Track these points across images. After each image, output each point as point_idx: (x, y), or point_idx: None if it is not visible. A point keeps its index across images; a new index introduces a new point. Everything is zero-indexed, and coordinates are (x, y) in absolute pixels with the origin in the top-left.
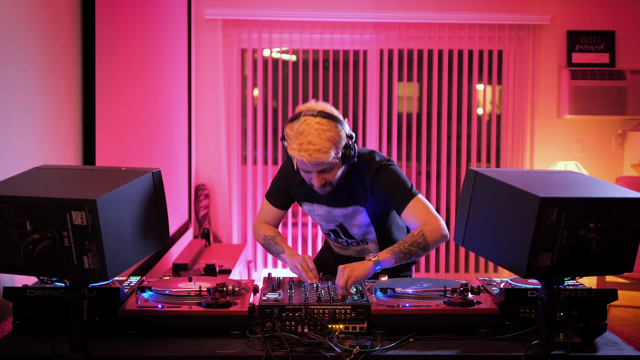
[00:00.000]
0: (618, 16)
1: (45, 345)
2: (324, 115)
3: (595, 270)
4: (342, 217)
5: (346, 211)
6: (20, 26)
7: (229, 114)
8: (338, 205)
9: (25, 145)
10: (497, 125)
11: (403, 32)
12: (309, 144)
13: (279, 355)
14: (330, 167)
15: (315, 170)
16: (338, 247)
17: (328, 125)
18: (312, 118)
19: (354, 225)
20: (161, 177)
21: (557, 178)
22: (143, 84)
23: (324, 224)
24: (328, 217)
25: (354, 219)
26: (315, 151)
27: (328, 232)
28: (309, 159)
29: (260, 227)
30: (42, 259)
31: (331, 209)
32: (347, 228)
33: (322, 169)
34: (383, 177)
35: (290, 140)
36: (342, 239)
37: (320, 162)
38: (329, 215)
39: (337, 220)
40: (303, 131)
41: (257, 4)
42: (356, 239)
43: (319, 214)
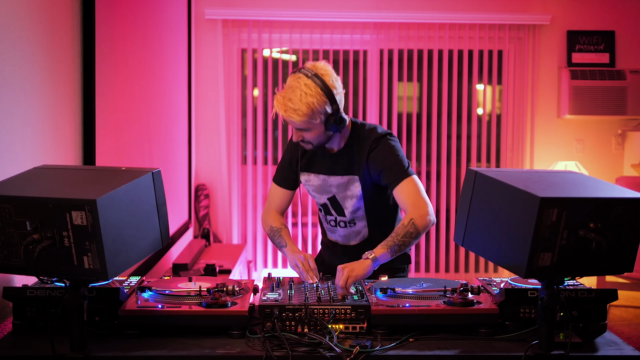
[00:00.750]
0: (618, 16)
1: (45, 345)
2: (316, 80)
3: (595, 270)
4: (336, 186)
5: (342, 180)
6: (20, 26)
7: (229, 114)
8: (335, 173)
9: (25, 145)
10: (497, 125)
11: (403, 32)
12: (288, 100)
13: (279, 355)
14: (307, 128)
15: (292, 125)
16: (328, 227)
17: (314, 91)
18: (305, 78)
19: (346, 196)
20: (161, 177)
21: (557, 178)
22: (143, 84)
23: (317, 196)
24: (322, 188)
25: (348, 190)
26: (290, 109)
27: (320, 207)
28: (283, 114)
29: (268, 216)
30: (42, 259)
31: (327, 178)
32: (339, 200)
33: (299, 127)
34: (381, 150)
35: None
36: (331, 215)
37: (291, 120)
38: (323, 184)
39: (331, 191)
40: (290, 86)
41: (257, 4)
42: (346, 216)
43: (314, 185)
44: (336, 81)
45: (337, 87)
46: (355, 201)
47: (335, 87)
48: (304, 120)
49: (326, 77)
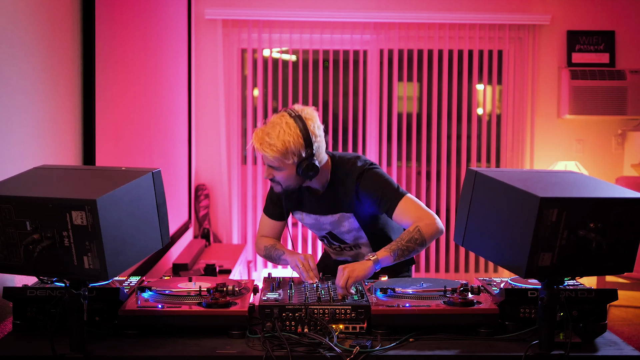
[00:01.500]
0: (618, 16)
1: (45, 345)
2: (298, 122)
3: (595, 270)
4: (329, 224)
5: (333, 218)
6: (20, 26)
7: (229, 114)
8: (323, 213)
9: (25, 145)
10: (497, 125)
11: (403, 32)
12: (266, 134)
13: (279, 355)
14: (278, 167)
15: (263, 161)
16: (333, 252)
17: (293, 131)
18: (288, 117)
19: (342, 232)
20: (161, 177)
21: (557, 178)
22: (143, 84)
23: (316, 231)
24: (317, 225)
25: (342, 226)
26: (265, 143)
27: (321, 238)
28: (258, 147)
29: (260, 241)
30: (42, 259)
31: (318, 217)
32: (336, 235)
33: (270, 164)
34: (368, 182)
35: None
36: (335, 244)
37: (265, 155)
38: (317, 223)
39: (325, 227)
40: (272, 122)
41: (257, 4)
42: (348, 243)
43: (309, 223)
44: (318, 129)
45: (317, 134)
46: (354, 233)
47: (316, 133)
48: (276, 157)
49: (309, 122)
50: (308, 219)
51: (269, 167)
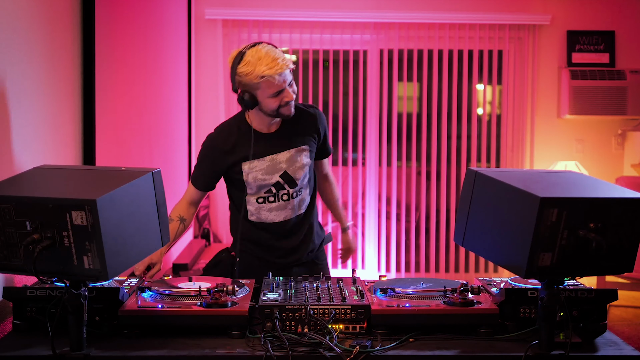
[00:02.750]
0: (618, 16)
1: (45, 345)
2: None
3: (595, 270)
4: (285, 161)
5: (289, 154)
6: (20, 26)
7: (229, 114)
8: (278, 150)
9: (25, 145)
10: (497, 125)
11: (403, 32)
12: (273, 60)
13: (279, 355)
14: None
15: (287, 82)
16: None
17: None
18: (255, 47)
19: (297, 168)
20: (161, 177)
21: (557, 178)
22: (143, 84)
23: (267, 178)
24: (272, 168)
25: (296, 162)
26: (282, 61)
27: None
28: (283, 69)
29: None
30: (42, 259)
31: (274, 156)
32: (291, 174)
33: (290, 79)
34: (324, 119)
35: (251, 74)
36: (284, 190)
37: (289, 69)
38: (272, 164)
39: (280, 168)
40: (260, 56)
41: (257, 4)
42: (298, 185)
43: (262, 169)
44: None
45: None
46: (305, 170)
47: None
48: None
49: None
50: (262, 164)
51: (288, 86)
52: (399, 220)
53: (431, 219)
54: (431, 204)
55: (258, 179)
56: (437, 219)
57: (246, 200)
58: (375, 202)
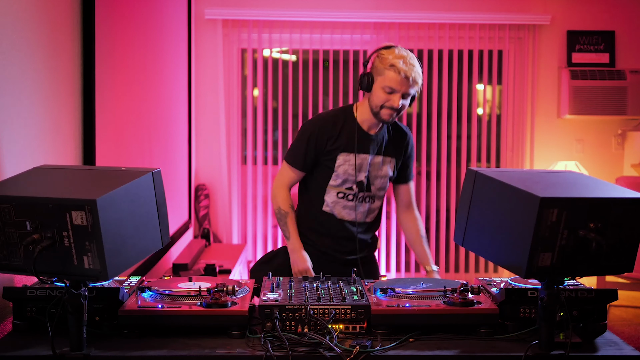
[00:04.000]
0: (618, 16)
1: (45, 345)
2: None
3: (595, 270)
4: (372, 164)
5: (378, 159)
6: (20, 26)
7: (229, 114)
8: (372, 152)
9: (25, 145)
10: (497, 125)
11: (403, 32)
12: (410, 64)
13: (279, 355)
14: (411, 94)
15: (404, 90)
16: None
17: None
18: (411, 53)
19: (378, 175)
20: (161, 177)
21: (557, 178)
22: (143, 84)
23: (352, 175)
24: (362, 166)
25: (381, 170)
26: (415, 71)
27: (349, 187)
28: (410, 74)
29: (279, 194)
30: (42, 259)
31: (367, 157)
32: (370, 179)
33: (408, 92)
34: (414, 145)
35: (387, 60)
36: (363, 192)
37: (415, 82)
38: (364, 163)
39: (366, 169)
40: (404, 56)
41: (257, 4)
42: (372, 192)
43: (353, 164)
44: None
45: None
46: (384, 180)
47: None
48: (419, 84)
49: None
50: (357, 159)
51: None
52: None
53: (431, 219)
54: (431, 204)
55: (348, 172)
56: (437, 219)
57: (326, 190)
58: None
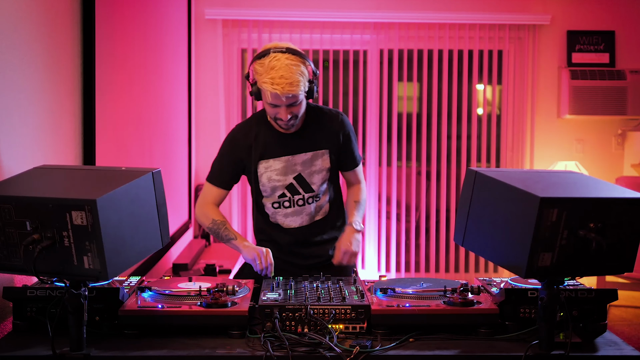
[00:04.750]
0: (618, 16)
1: (45, 345)
2: (292, 52)
3: (595, 270)
4: (301, 164)
5: (305, 157)
6: (20, 26)
7: (229, 114)
8: (299, 151)
9: (25, 145)
10: (497, 125)
11: (403, 32)
12: (280, 77)
13: (279, 355)
14: (297, 101)
15: (285, 103)
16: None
17: (296, 60)
18: (281, 54)
19: (313, 172)
20: (161, 177)
21: (557, 178)
22: (143, 84)
23: (281, 179)
24: (286, 169)
25: (313, 165)
26: (287, 84)
27: (281, 195)
28: (282, 91)
29: (207, 209)
30: (42, 259)
31: (291, 157)
32: (305, 177)
33: (292, 102)
34: (351, 130)
35: (260, 76)
36: (299, 194)
37: (292, 94)
38: (287, 165)
39: (295, 170)
40: (274, 66)
41: (257, 4)
42: (314, 191)
43: (276, 169)
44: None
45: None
46: (323, 174)
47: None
48: (301, 90)
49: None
50: (277, 164)
51: (287, 107)
52: (399, 220)
53: (431, 219)
54: (431, 204)
55: (272, 179)
56: (437, 219)
57: (263, 203)
58: (375, 202)
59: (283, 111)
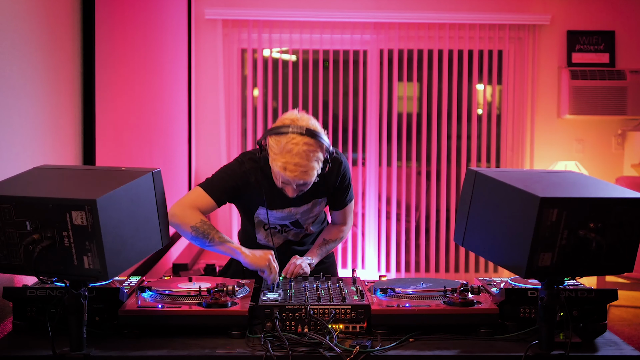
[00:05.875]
0: (618, 16)
1: (45, 345)
2: (311, 135)
3: (595, 270)
4: (301, 213)
5: (306, 207)
6: (20, 26)
7: (229, 114)
8: (302, 203)
9: (25, 145)
10: (497, 125)
11: (403, 32)
12: (295, 165)
13: (279, 355)
14: (306, 184)
15: (295, 183)
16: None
17: (314, 146)
18: (300, 137)
19: (309, 217)
20: (161, 177)
21: (557, 178)
22: (143, 84)
23: (277, 222)
24: (287, 217)
25: (311, 212)
26: (301, 172)
27: (274, 226)
28: (294, 179)
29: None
30: (42, 259)
31: (294, 209)
32: (301, 222)
33: (303, 183)
34: (348, 172)
35: (275, 155)
36: (288, 229)
37: (304, 181)
38: (289, 215)
39: (295, 217)
40: (290, 150)
41: (257, 4)
42: (303, 227)
43: (277, 217)
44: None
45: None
46: (315, 216)
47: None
48: (315, 177)
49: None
50: (279, 214)
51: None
52: (399, 220)
53: (431, 219)
54: (431, 204)
55: (270, 221)
56: (437, 219)
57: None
58: (375, 202)
59: (291, 190)
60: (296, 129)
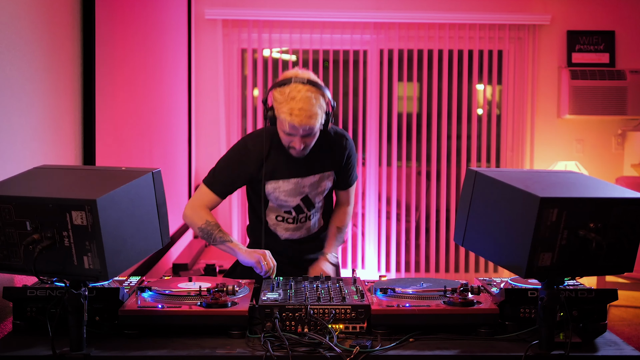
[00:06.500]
0: (618, 16)
1: (45, 345)
2: (313, 84)
3: (595, 270)
4: (309, 186)
5: (314, 179)
6: (20, 26)
7: (229, 114)
8: (308, 173)
9: (25, 145)
10: (497, 125)
11: (403, 32)
12: (300, 110)
13: (279, 355)
14: (313, 133)
15: (301, 134)
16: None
17: (316, 93)
18: (302, 85)
19: (318, 193)
20: (161, 177)
21: (557, 178)
22: (143, 84)
23: (289, 200)
24: (295, 190)
25: (319, 187)
26: (306, 117)
27: (287, 211)
28: (300, 123)
29: (201, 211)
30: (42, 259)
31: (300, 180)
32: (311, 198)
33: (307, 133)
34: (354, 151)
35: (280, 104)
36: (303, 213)
37: (309, 127)
38: (296, 187)
39: (304, 191)
40: (294, 97)
41: (257, 4)
42: (315, 207)
43: (285, 190)
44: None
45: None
46: (324, 194)
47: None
48: (319, 123)
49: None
50: (286, 185)
51: (302, 137)
52: (399, 220)
53: (431, 219)
54: (431, 204)
55: (280, 199)
56: (437, 219)
57: (266, 212)
58: (375, 202)
59: (297, 141)
60: (298, 79)
